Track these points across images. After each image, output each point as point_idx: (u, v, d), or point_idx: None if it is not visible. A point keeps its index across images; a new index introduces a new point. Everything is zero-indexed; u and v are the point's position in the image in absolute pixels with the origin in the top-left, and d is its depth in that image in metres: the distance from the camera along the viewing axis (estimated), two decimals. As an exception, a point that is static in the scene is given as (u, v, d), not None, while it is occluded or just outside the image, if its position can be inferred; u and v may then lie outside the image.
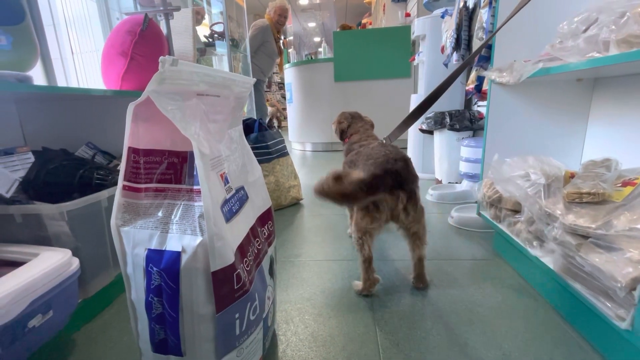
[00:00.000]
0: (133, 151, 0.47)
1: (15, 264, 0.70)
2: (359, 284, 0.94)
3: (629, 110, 0.97)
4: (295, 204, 1.81)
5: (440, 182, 1.99)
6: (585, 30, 0.77)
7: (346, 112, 1.33)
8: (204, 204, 0.45)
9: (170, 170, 0.49)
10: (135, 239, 0.47)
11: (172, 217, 0.47)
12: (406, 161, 0.86)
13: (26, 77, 0.81)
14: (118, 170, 0.49)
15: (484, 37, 1.19)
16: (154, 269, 0.46)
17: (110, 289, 0.93)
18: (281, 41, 3.20)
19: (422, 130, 2.05)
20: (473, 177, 1.64)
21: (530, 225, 0.91)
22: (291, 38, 7.01)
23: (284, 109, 6.23)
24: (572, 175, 0.83)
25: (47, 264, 0.65)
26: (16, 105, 1.04)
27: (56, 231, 0.79)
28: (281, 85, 7.90)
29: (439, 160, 1.98)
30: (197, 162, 0.45)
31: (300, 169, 2.80)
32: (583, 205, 0.73)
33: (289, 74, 3.93)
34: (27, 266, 0.64)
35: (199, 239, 0.46)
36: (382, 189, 0.80)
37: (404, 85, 3.49)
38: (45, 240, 0.79)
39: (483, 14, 1.22)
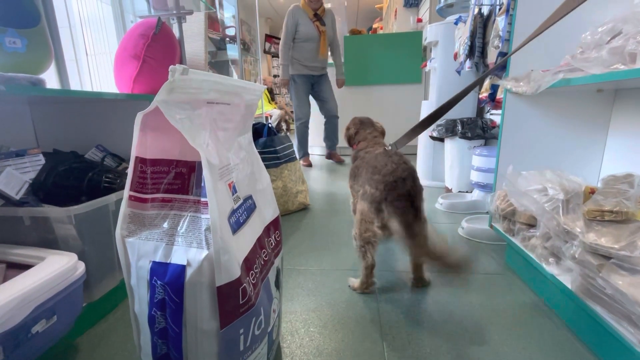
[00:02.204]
0: (140, 161, 0.46)
1: (22, 267, 0.70)
2: (355, 282, 0.98)
3: (652, 123, 0.93)
4: (303, 209, 1.80)
5: (450, 190, 1.95)
6: (609, 41, 0.74)
7: (357, 117, 1.31)
8: (211, 218, 0.43)
9: (177, 181, 0.48)
10: (140, 251, 0.46)
11: (178, 228, 0.46)
12: (413, 177, 0.87)
13: (39, 80, 0.82)
14: (126, 174, 0.48)
15: (500, 45, 1.17)
16: (158, 282, 0.45)
17: (116, 293, 0.92)
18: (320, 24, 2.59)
19: (432, 138, 2.02)
20: (485, 187, 1.60)
21: (546, 241, 0.88)
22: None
23: (292, 112, 6.24)
24: (592, 191, 0.80)
25: (53, 269, 0.65)
26: (30, 106, 1.05)
27: (63, 234, 0.79)
28: (290, 88, 7.91)
29: (449, 169, 1.94)
30: (205, 173, 0.44)
31: (309, 173, 2.79)
32: (605, 223, 0.69)
33: (299, 78, 3.92)
34: (32, 271, 0.64)
35: (204, 253, 0.44)
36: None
37: (414, 91, 3.45)
38: (53, 243, 0.79)
39: (500, 22, 1.19)
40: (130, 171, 0.46)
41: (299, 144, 3.07)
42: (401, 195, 0.82)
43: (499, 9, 1.23)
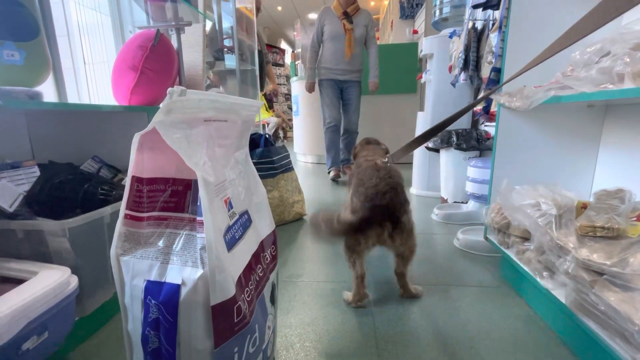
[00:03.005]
0: (137, 180, 0.46)
1: (14, 281, 0.69)
2: (349, 295, 0.99)
3: (642, 139, 0.95)
4: (299, 219, 1.79)
5: (446, 201, 1.96)
6: (598, 61, 0.76)
7: (365, 139, 1.41)
8: (207, 237, 0.43)
9: (173, 199, 0.48)
10: (134, 269, 0.45)
11: (174, 247, 0.46)
12: (396, 191, 0.90)
13: (37, 93, 0.82)
14: (122, 185, 0.48)
15: (493, 61, 1.19)
16: (152, 301, 0.44)
17: (108, 307, 0.91)
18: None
19: (428, 148, 2.04)
20: (480, 198, 1.61)
21: (540, 254, 0.89)
22: (299, 51, 7.11)
23: (290, 120, 6.28)
24: (585, 206, 0.81)
25: (46, 284, 0.64)
26: (26, 118, 1.05)
27: (57, 247, 0.78)
28: (288, 97, 7.98)
29: (444, 179, 1.96)
30: (201, 192, 0.44)
31: (305, 182, 2.79)
32: (597, 239, 0.70)
33: (296, 87, 3.96)
34: (24, 286, 0.63)
35: (199, 272, 0.44)
36: (371, 225, 0.87)
37: (410, 101, 3.50)
38: (46, 256, 0.78)
39: (493, 38, 1.22)
40: (126, 190, 0.46)
41: (327, 151, 2.76)
42: (376, 206, 0.87)
43: (492, 25, 1.26)
